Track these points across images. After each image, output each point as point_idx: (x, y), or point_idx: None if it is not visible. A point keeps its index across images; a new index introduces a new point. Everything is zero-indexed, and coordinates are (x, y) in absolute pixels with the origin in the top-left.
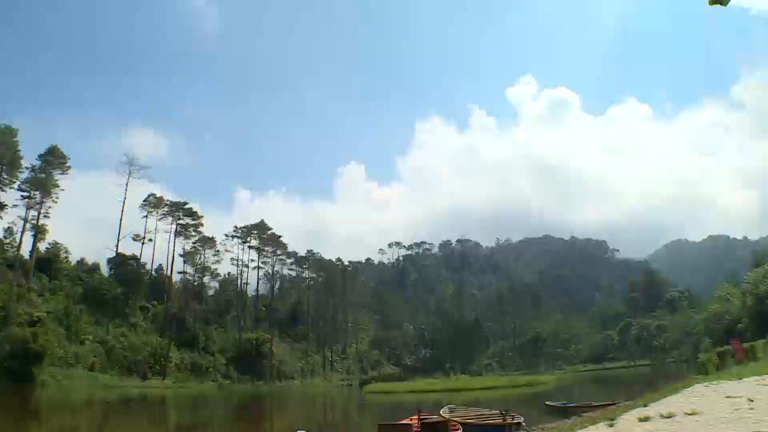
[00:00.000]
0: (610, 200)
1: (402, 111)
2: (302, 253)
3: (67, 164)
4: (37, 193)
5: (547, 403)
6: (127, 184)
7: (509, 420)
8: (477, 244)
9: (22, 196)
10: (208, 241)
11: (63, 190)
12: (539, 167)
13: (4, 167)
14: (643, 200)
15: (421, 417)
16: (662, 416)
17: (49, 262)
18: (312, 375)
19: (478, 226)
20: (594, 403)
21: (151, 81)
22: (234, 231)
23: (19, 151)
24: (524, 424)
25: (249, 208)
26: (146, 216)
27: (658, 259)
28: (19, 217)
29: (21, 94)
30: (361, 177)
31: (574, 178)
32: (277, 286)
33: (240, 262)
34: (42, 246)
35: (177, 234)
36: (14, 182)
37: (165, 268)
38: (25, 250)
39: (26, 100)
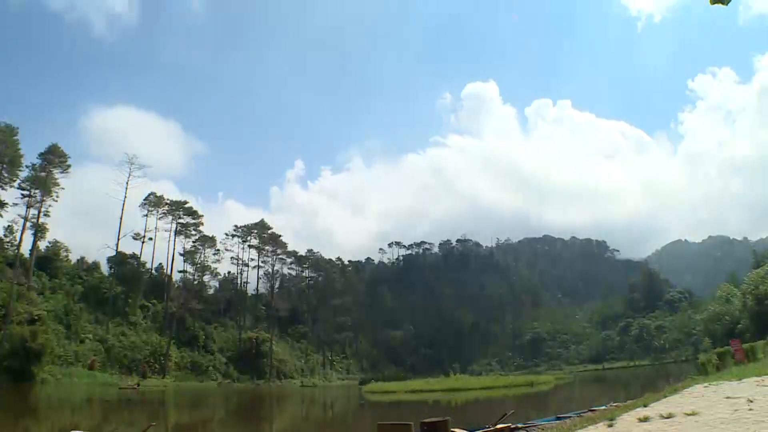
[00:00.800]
0: (608, 201)
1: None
2: (302, 252)
3: (68, 163)
4: (37, 191)
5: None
6: (127, 183)
7: (501, 425)
8: (477, 244)
9: (22, 194)
10: (208, 240)
11: (63, 188)
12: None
13: (5, 166)
14: (643, 201)
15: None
16: (662, 416)
17: (49, 261)
18: (312, 374)
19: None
20: None
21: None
22: (234, 230)
23: (19, 149)
24: (520, 424)
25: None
26: (146, 215)
27: (658, 259)
28: (19, 215)
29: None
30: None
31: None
32: (276, 286)
33: (240, 262)
34: (42, 244)
35: (177, 233)
36: (15, 181)
37: (165, 267)
38: (26, 249)
39: None
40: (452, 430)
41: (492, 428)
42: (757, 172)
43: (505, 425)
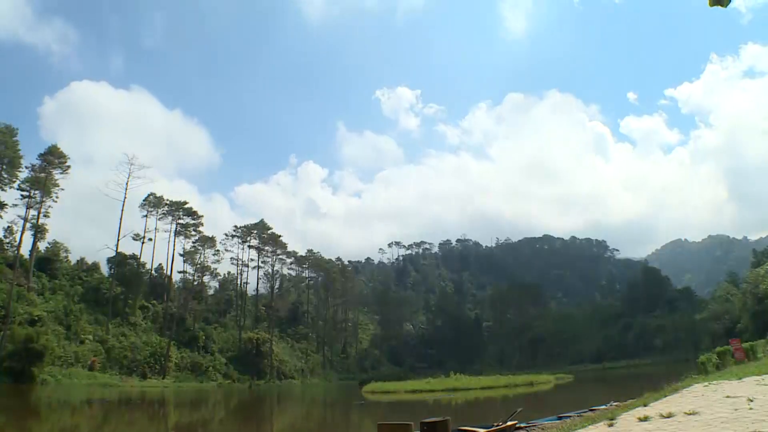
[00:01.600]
0: (607, 201)
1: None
2: (302, 252)
3: (67, 164)
4: (36, 192)
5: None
6: (126, 184)
7: (506, 424)
8: (477, 244)
9: (22, 195)
10: (208, 241)
11: (63, 189)
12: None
13: (4, 166)
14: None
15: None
16: (662, 416)
17: (49, 262)
18: (312, 374)
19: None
20: None
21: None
22: (234, 230)
23: (19, 150)
24: (523, 423)
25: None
26: (146, 215)
27: (657, 258)
28: (19, 216)
29: None
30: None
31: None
32: (276, 286)
33: (240, 262)
34: (42, 245)
35: (177, 233)
36: (14, 182)
37: (165, 267)
38: (25, 250)
39: None
40: (462, 428)
41: (502, 425)
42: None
43: (514, 422)
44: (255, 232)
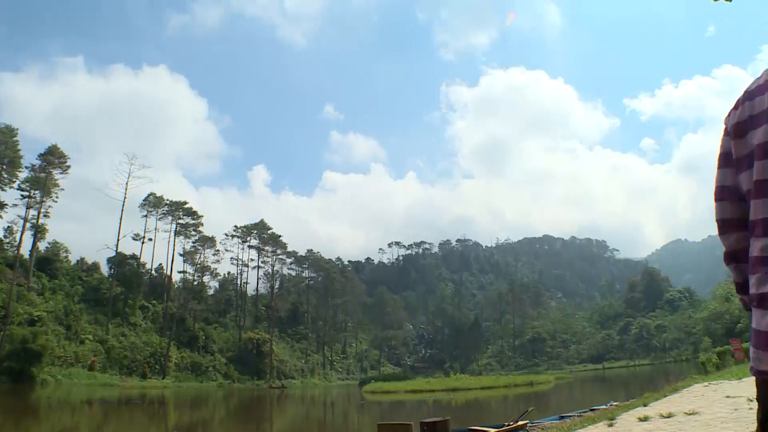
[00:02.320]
0: (606, 201)
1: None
2: (302, 252)
3: (68, 164)
4: (37, 192)
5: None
6: (127, 183)
7: (518, 423)
8: (477, 244)
9: (22, 195)
10: (208, 241)
11: (63, 189)
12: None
13: (4, 166)
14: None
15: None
16: (662, 416)
17: (49, 262)
18: (312, 375)
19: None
20: None
21: None
22: (234, 230)
23: (19, 150)
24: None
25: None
26: (146, 215)
27: (657, 258)
28: (19, 216)
29: None
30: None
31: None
32: (276, 286)
33: (240, 262)
34: (42, 245)
35: (177, 233)
36: (14, 182)
37: (165, 267)
38: (25, 250)
39: None
40: (473, 427)
41: (513, 425)
42: None
43: (525, 422)
44: (255, 232)
